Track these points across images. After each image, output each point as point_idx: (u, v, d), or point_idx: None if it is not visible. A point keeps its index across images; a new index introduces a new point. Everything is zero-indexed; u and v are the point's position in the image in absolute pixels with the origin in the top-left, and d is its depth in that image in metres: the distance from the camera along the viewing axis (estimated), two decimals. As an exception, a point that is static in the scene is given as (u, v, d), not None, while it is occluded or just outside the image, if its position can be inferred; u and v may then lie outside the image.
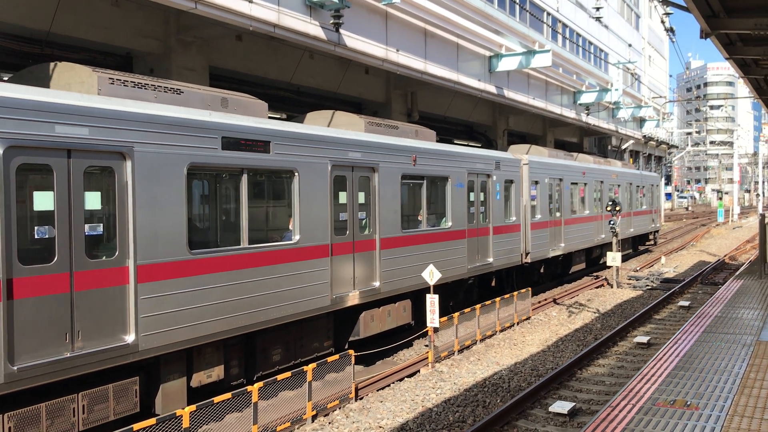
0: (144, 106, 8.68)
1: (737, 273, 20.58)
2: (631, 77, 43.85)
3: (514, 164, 19.26)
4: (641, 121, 48.71)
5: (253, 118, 10.62)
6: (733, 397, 8.11)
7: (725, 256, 32.25)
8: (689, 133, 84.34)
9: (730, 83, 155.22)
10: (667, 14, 17.00)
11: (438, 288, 14.31)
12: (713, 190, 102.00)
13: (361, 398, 11.02)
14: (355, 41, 16.91)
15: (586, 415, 10.10)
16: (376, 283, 13.12)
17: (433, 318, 12.88)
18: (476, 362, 13.23)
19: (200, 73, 15.46)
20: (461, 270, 16.18)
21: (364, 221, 13.05)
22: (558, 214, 22.40)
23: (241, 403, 9.03)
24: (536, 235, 20.43)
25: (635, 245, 34.05)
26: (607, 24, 40.91)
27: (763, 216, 20.76)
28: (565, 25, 33.22)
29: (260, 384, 9.03)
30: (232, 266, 9.84)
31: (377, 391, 11.47)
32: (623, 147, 47.52)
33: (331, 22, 15.57)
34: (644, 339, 14.48)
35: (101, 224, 8.11)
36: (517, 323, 16.68)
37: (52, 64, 9.04)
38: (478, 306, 14.81)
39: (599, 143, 46.17)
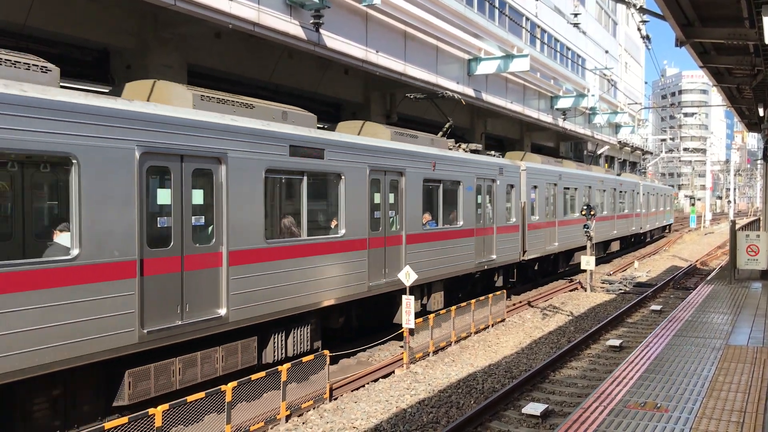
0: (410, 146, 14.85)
1: (708, 278, 20.90)
2: (608, 83, 44.37)
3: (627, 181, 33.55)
4: (617, 127, 49.27)
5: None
6: (702, 399, 8.25)
7: (697, 261, 32.76)
8: (663, 140, 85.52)
9: (704, 91, 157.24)
10: (644, 22, 17.22)
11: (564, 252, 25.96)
12: (686, 196, 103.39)
13: (335, 398, 11.02)
14: (335, 41, 16.90)
15: (558, 417, 10.20)
16: (555, 244, 23.92)
17: (408, 319, 12.92)
18: (451, 364, 13.30)
19: (177, 71, 15.33)
20: (581, 242, 25.88)
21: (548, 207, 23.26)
22: (618, 212, 33.70)
23: (215, 403, 8.96)
24: (600, 225, 30.73)
25: (662, 231, 49.23)
26: (585, 30, 41.33)
27: (733, 222, 21.13)
28: (543, 30, 33.51)
29: (234, 383, 8.99)
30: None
31: (352, 391, 11.48)
32: (599, 152, 48.05)
33: (312, 21, 15.56)
34: (616, 342, 14.65)
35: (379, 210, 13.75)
36: (492, 325, 16.78)
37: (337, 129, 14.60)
38: (453, 308, 14.89)
39: (575, 148, 46.59)
